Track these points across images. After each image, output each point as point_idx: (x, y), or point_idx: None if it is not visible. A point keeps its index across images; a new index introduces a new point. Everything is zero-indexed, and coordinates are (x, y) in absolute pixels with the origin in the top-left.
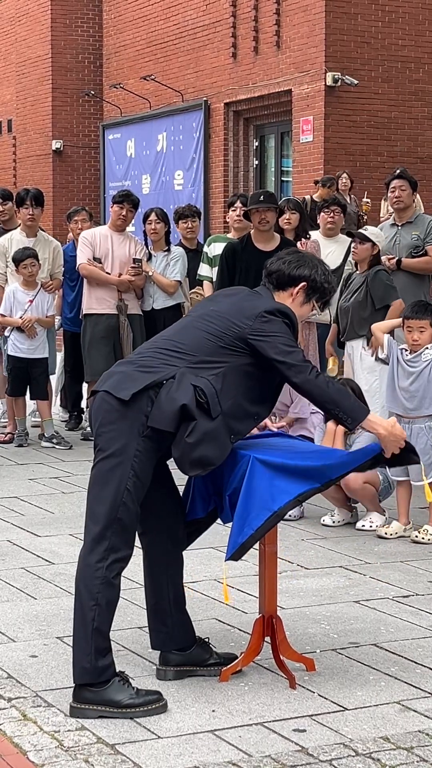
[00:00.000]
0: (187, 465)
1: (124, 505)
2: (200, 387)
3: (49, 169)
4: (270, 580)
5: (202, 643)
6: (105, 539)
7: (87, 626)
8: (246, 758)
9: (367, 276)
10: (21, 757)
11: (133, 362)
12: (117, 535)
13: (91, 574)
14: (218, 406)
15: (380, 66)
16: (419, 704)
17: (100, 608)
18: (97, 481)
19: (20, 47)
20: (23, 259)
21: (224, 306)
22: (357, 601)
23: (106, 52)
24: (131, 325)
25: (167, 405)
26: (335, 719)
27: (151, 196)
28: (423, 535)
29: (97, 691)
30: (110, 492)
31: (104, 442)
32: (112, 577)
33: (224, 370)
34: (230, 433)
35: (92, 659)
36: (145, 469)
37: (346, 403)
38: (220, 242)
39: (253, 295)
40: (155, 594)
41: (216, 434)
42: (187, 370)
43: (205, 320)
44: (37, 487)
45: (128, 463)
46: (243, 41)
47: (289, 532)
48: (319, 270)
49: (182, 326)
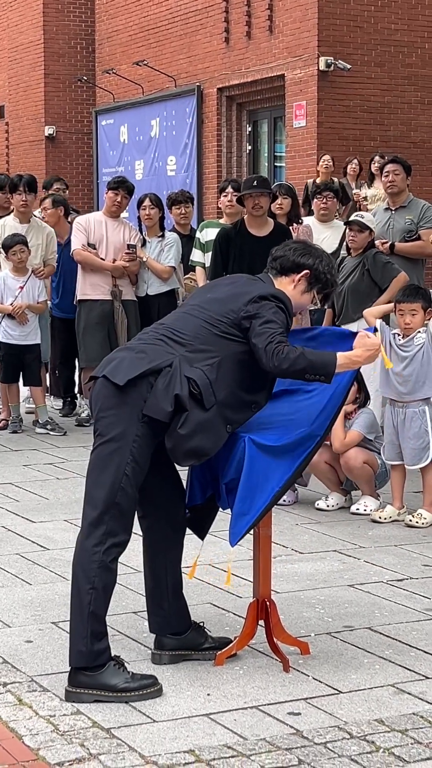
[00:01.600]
0: (180, 456)
1: (122, 490)
2: (193, 379)
3: (41, 155)
4: (264, 564)
5: (197, 628)
6: (103, 524)
7: (83, 610)
8: (241, 741)
9: (362, 259)
10: (16, 741)
11: (132, 348)
12: (115, 520)
13: (88, 559)
14: (212, 396)
15: (373, 50)
16: (413, 687)
17: (96, 592)
18: (95, 465)
19: (12, 33)
20: (12, 245)
21: (222, 294)
22: (351, 584)
23: (98, 38)
24: (125, 311)
25: (162, 395)
26: (330, 702)
27: (144, 182)
28: (417, 519)
29: (93, 675)
30: (109, 477)
31: (103, 426)
32: (109, 561)
33: (220, 359)
34: (226, 422)
35: (88, 643)
36: (144, 455)
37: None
38: (212, 228)
39: (252, 282)
40: (153, 578)
41: (210, 425)
42: (183, 358)
43: (202, 308)
44: (31, 473)
45: (127, 448)
46: (236, 26)
47: (284, 517)
48: (323, 261)
49: (181, 314)
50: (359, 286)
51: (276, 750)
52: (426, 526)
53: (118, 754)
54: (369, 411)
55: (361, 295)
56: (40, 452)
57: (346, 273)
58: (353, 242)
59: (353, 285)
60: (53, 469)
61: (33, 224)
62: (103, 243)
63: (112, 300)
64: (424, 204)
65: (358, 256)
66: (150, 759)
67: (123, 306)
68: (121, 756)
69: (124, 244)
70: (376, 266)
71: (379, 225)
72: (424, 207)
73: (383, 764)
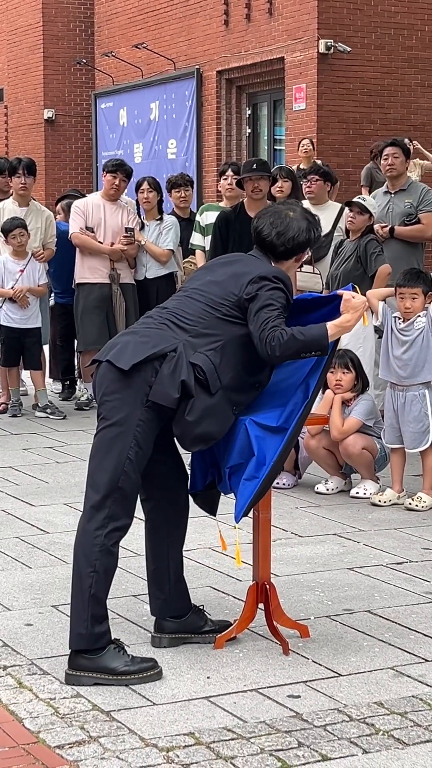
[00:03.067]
0: (188, 442)
1: (125, 474)
2: (199, 365)
3: (41, 138)
4: (263, 547)
5: (197, 611)
6: (105, 507)
7: (84, 593)
8: (241, 724)
9: (358, 244)
10: (17, 724)
11: (136, 332)
12: (117, 504)
13: (90, 542)
14: (218, 381)
15: (373, 33)
16: (413, 670)
17: (97, 575)
18: (99, 449)
19: (11, 15)
20: (12, 229)
21: (221, 275)
22: (351, 568)
23: (97, 20)
24: (124, 294)
25: (168, 381)
26: (329, 685)
27: (143, 165)
28: (416, 502)
29: (93, 658)
30: (112, 460)
31: (107, 410)
32: (111, 545)
33: (223, 342)
34: (232, 405)
35: (88, 626)
36: (147, 439)
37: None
38: (212, 211)
39: (250, 261)
40: (155, 560)
41: (216, 409)
42: (188, 343)
43: (203, 292)
44: (31, 456)
45: (131, 432)
46: (235, 8)
47: (283, 500)
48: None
49: (182, 297)
50: (353, 271)
51: (276, 732)
52: (425, 509)
53: (118, 737)
54: (368, 397)
55: (354, 280)
56: (39, 436)
57: (343, 257)
58: (352, 224)
59: (347, 270)
60: (53, 452)
61: (32, 207)
62: (101, 226)
63: (110, 283)
64: (423, 187)
65: (355, 241)
66: (150, 742)
67: (121, 289)
68: (121, 739)
69: (122, 228)
70: (366, 254)
71: (378, 208)
72: (423, 190)
73: (383, 747)
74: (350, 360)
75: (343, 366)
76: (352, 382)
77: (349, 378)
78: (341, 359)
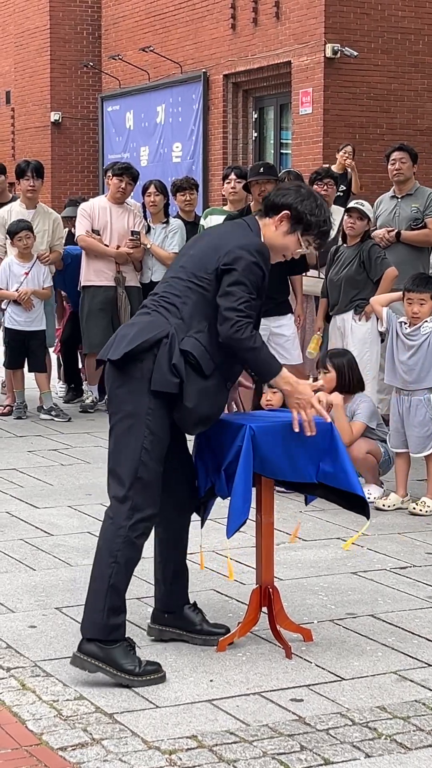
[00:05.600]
0: (189, 426)
1: (143, 464)
2: (188, 350)
3: (47, 140)
4: (267, 551)
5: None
6: (128, 499)
7: (104, 582)
8: (243, 727)
9: (359, 250)
10: (20, 726)
11: (133, 324)
12: (139, 494)
13: (114, 532)
14: (211, 362)
15: (380, 37)
16: (416, 674)
17: (118, 566)
18: (116, 443)
19: (18, 18)
20: (18, 231)
21: (202, 248)
22: (354, 572)
23: (104, 23)
24: (129, 297)
25: (165, 367)
26: (332, 689)
27: (149, 168)
28: (420, 507)
29: (105, 648)
30: (129, 453)
31: (116, 405)
32: (135, 536)
33: (210, 320)
34: (226, 381)
35: (105, 616)
36: (160, 425)
37: (257, 363)
38: (216, 215)
39: (233, 230)
40: (156, 556)
41: (213, 390)
42: (178, 328)
43: (187, 269)
44: (35, 459)
45: (142, 421)
46: (242, 12)
47: (287, 504)
48: (306, 201)
49: (170, 279)
50: (356, 276)
51: (278, 736)
52: (429, 514)
53: (121, 739)
54: (368, 399)
55: (357, 285)
56: (44, 438)
57: (342, 263)
58: (351, 229)
59: (349, 275)
60: (57, 455)
61: (39, 210)
62: (108, 229)
63: (115, 286)
64: (430, 192)
65: (355, 247)
66: (153, 744)
67: (127, 292)
68: (123, 741)
69: (128, 231)
70: (370, 259)
71: (385, 213)
72: (430, 195)
73: (385, 751)
74: (331, 361)
75: (323, 367)
76: (333, 381)
77: (329, 378)
78: (323, 360)
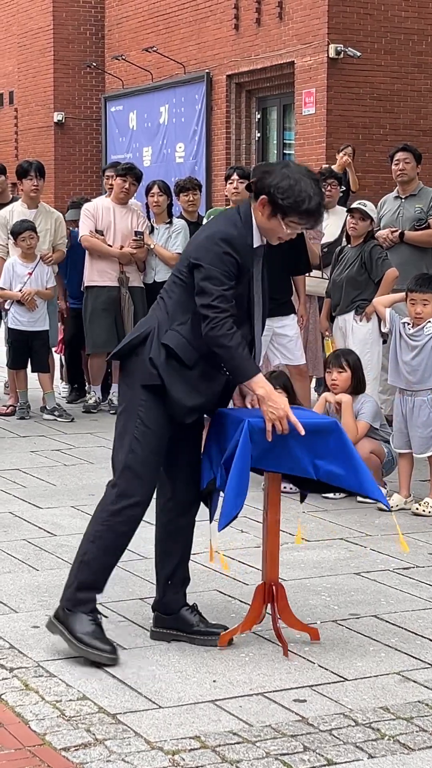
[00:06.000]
0: (183, 416)
1: (132, 452)
2: (166, 344)
3: (50, 141)
4: (272, 548)
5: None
6: (117, 486)
7: (77, 557)
8: (246, 728)
9: (361, 250)
10: (23, 726)
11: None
12: (127, 482)
13: (98, 515)
14: (194, 353)
15: (383, 38)
16: (419, 675)
17: (93, 546)
18: (116, 436)
19: (21, 18)
20: (21, 231)
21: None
22: (358, 572)
23: (107, 24)
24: (132, 297)
25: (147, 361)
26: (335, 690)
27: (152, 169)
28: (424, 507)
29: (67, 612)
30: (124, 442)
31: (119, 398)
32: (118, 522)
33: (192, 312)
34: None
35: (73, 589)
36: (153, 418)
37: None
38: None
39: (213, 222)
40: (155, 557)
41: (200, 379)
42: (163, 320)
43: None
44: (38, 459)
45: (134, 413)
46: (245, 13)
47: (290, 505)
48: (280, 184)
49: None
50: (357, 277)
51: (281, 736)
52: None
53: (124, 740)
54: (372, 399)
55: (358, 286)
56: (47, 438)
57: (345, 263)
58: (354, 230)
59: (351, 276)
60: (60, 455)
61: (41, 209)
62: (111, 229)
63: (119, 287)
64: None
65: (358, 247)
66: (155, 744)
67: (130, 292)
68: (126, 741)
69: (131, 231)
70: (371, 259)
71: (388, 213)
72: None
73: (388, 751)
74: (345, 360)
75: (338, 366)
76: (348, 381)
77: (345, 377)
78: (336, 359)
